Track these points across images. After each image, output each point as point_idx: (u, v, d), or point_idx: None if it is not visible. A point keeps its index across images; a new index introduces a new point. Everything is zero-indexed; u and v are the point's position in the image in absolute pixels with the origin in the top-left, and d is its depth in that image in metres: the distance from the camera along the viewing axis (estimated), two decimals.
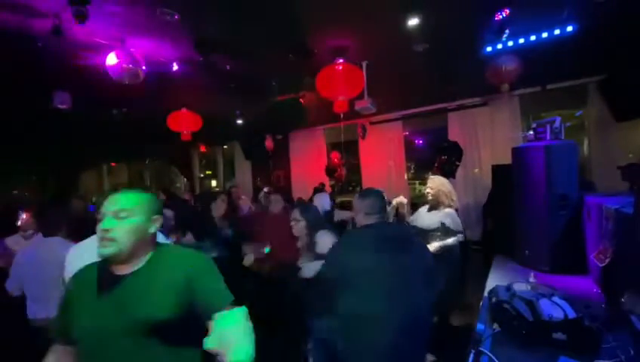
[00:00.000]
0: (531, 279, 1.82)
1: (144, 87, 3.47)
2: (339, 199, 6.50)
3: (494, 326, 1.45)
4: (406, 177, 6.64)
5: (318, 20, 3.03)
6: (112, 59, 2.96)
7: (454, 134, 5.75)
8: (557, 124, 2.41)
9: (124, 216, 1.10)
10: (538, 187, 2.29)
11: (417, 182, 7.44)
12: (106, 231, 1.07)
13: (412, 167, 7.35)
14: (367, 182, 6.97)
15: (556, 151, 2.22)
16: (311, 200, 5.05)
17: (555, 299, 1.49)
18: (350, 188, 7.73)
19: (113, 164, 10.32)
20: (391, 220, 2.61)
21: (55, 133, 6.20)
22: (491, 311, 1.53)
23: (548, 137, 2.40)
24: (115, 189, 1.22)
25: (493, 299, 1.54)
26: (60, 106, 3.86)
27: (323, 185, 6.39)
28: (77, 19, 2.26)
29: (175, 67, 3.57)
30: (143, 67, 3.11)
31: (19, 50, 3.13)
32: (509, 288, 1.59)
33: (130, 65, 2.98)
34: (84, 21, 2.28)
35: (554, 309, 1.42)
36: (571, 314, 1.39)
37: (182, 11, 2.67)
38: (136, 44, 3.18)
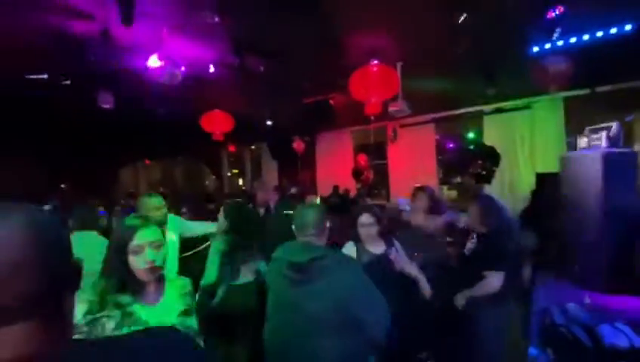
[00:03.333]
0: (586, 300, 1.67)
1: (180, 87, 3.57)
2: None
3: (548, 351, 1.34)
4: (436, 182, 6.42)
5: (353, 20, 2.97)
6: (154, 61, 3.06)
7: (490, 138, 5.50)
8: (615, 130, 2.21)
9: None
10: (593, 198, 2.11)
11: (445, 187, 7.15)
12: None
13: (441, 171, 7.08)
14: (394, 186, 6.82)
15: (615, 160, 2.04)
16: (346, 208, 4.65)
17: (617, 324, 1.35)
18: (376, 192, 7.56)
19: (147, 161, 10.77)
20: None
21: (99, 131, 6.56)
22: (544, 334, 1.41)
23: (604, 144, 2.22)
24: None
25: (547, 321, 1.41)
26: (103, 106, 4.02)
27: (336, 187, 6.25)
28: (123, 23, 2.35)
29: (212, 69, 3.64)
30: (182, 68, 3.19)
31: (66, 50, 3.31)
32: (563, 310, 1.46)
33: (171, 67, 3.07)
34: (130, 24, 2.36)
35: (616, 336, 1.29)
36: (638, 343, 1.25)
37: (220, 13, 2.71)
38: (176, 46, 3.27)
